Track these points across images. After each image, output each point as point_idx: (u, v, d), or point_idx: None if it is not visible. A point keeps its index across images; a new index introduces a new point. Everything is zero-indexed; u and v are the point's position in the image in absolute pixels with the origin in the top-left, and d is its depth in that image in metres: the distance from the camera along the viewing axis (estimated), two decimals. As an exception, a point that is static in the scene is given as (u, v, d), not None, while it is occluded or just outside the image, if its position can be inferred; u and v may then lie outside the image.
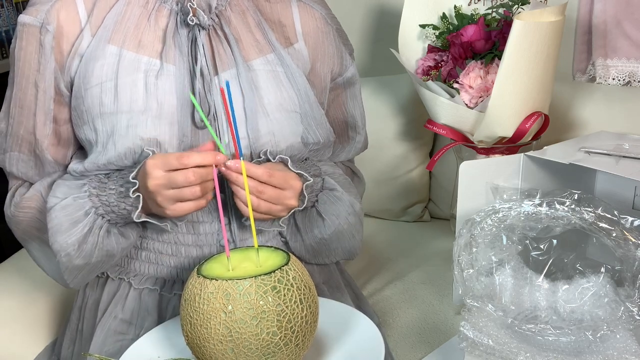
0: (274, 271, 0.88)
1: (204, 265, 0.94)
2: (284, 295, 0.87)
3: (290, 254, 0.94)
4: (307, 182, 1.03)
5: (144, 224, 1.05)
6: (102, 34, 1.01)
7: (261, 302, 0.86)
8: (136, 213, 0.98)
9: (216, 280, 0.88)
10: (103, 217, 1.00)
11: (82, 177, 1.03)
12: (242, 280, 0.86)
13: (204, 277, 0.89)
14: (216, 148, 0.97)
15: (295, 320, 0.88)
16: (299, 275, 0.90)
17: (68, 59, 1.02)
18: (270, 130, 1.03)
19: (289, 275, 0.89)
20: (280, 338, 0.87)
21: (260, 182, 0.97)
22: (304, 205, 1.03)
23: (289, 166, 1.02)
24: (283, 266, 0.89)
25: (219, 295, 0.87)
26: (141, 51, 1.01)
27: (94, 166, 1.01)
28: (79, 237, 0.99)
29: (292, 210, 1.03)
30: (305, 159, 1.12)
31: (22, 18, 1.01)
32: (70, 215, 0.99)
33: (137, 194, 0.97)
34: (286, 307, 0.87)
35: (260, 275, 0.87)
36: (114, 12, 1.02)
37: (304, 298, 0.89)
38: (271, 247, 0.96)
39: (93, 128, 1.01)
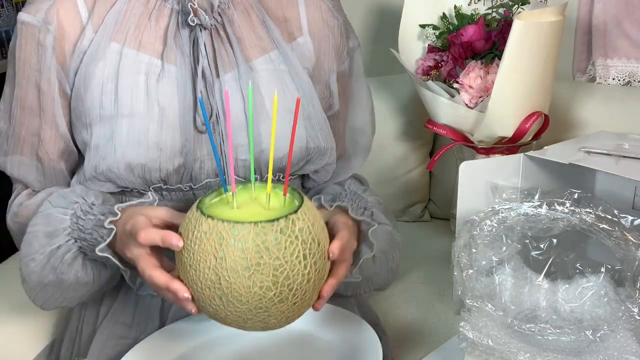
0: (278, 219, 0.78)
1: (207, 198, 0.84)
2: (285, 249, 0.77)
3: (305, 197, 0.83)
4: (373, 228, 0.98)
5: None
6: (104, 33, 0.99)
7: (257, 253, 0.76)
8: (102, 246, 0.91)
9: (212, 219, 0.78)
10: (75, 241, 0.96)
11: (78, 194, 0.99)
12: (240, 224, 0.77)
13: (202, 212, 0.80)
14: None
15: (294, 277, 0.78)
16: (308, 226, 0.79)
17: (70, 58, 0.99)
18: (271, 134, 0.99)
19: (295, 226, 0.78)
20: (275, 294, 0.78)
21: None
22: (372, 253, 0.98)
23: (351, 214, 0.97)
24: (291, 214, 0.79)
25: (211, 237, 0.77)
26: (142, 50, 0.99)
27: (94, 172, 0.98)
28: (46, 250, 0.95)
29: (361, 259, 0.97)
30: (343, 189, 1.08)
31: (21, 16, 0.99)
32: (48, 225, 0.96)
33: (112, 226, 0.91)
34: (285, 262, 0.77)
35: (261, 222, 0.77)
36: (114, 11, 1.00)
37: (309, 254, 0.79)
38: (288, 186, 0.84)
39: (90, 131, 0.99)
